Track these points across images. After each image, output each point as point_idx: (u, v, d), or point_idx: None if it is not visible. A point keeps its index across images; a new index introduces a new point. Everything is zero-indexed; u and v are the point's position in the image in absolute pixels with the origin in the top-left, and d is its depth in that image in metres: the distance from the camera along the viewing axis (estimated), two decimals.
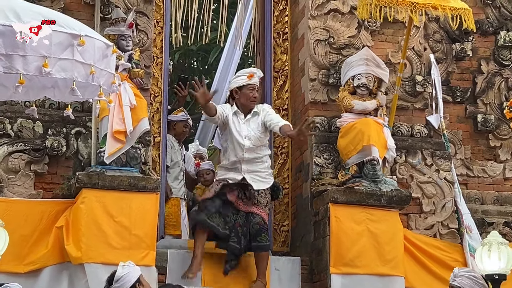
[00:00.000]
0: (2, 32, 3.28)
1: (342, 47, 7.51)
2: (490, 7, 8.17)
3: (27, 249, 6.27)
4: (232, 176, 6.64)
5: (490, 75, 8.04)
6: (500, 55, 8.08)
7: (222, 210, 6.58)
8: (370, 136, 6.83)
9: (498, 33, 8.10)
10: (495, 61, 8.09)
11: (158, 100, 7.49)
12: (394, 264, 6.65)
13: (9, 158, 6.66)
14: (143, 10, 7.16)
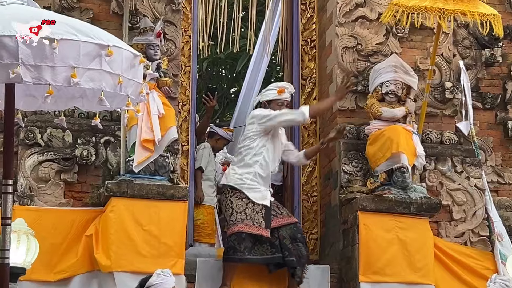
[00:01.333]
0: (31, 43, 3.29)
1: (370, 54, 7.49)
2: None
3: (57, 257, 6.31)
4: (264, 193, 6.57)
5: None
6: None
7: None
8: (399, 143, 6.81)
9: None
10: None
11: (186, 108, 7.53)
12: (424, 272, 6.62)
13: (39, 167, 6.71)
14: (171, 19, 7.20)
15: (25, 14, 3.48)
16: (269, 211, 6.53)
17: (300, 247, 6.50)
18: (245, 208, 6.48)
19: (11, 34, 3.28)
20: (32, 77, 3.30)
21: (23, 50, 3.27)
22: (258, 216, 6.46)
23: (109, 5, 7.11)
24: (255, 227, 6.41)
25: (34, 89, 3.86)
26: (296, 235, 6.53)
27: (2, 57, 3.28)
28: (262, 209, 6.49)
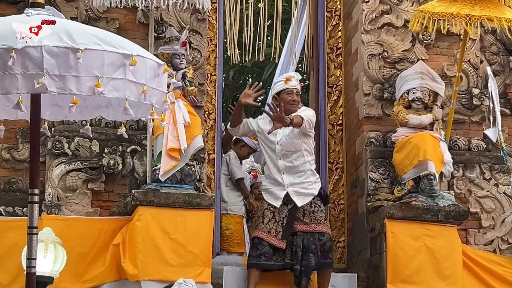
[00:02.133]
0: (56, 53, 3.30)
1: (396, 61, 7.48)
2: None
3: (85, 266, 6.33)
4: (276, 192, 6.56)
5: None
6: None
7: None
8: (426, 150, 6.79)
9: None
10: None
11: (212, 117, 7.55)
12: (453, 280, 6.58)
13: (66, 177, 6.75)
14: (197, 28, 7.23)
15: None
16: (292, 216, 6.51)
17: (309, 257, 6.43)
18: (264, 210, 6.56)
19: (36, 45, 3.31)
20: (57, 87, 3.32)
21: (48, 60, 3.29)
22: (277, 226, 6.48)
23: (135, 15, 7.14)
24: (271, 236, 6.46)
25: (60, 99, 3.88)
26: (309, 246, 6.46)
27: (27, 68, 3.30)
28: (284, 217, 6.50)
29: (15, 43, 3.30)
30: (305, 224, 6.53)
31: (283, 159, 6.58)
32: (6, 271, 6.25)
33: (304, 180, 6.57)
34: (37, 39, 3.33)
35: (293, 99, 6.68)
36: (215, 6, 7.66)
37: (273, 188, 6.60)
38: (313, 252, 6.45)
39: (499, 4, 6.92)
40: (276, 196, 6.56)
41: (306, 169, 6.58)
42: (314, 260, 6.45)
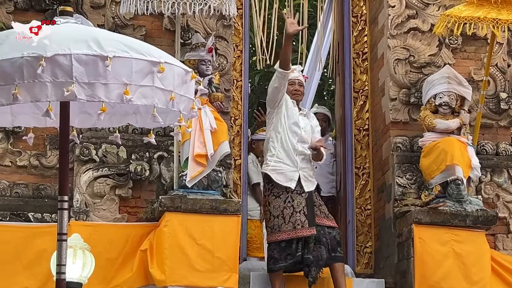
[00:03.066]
0: (85, 61, 3.33)
1: (423, 66, 7.45)
2: None
3: (113, 272, 6.34)
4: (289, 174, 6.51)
5: None
6: None
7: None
8: (454, 155, 6.75)
9: None
10: None
11: (238, 123, 7.56)
12: (481, 286, 6.54)
13: (94, 183, 6.79)
14: (223, 34, 7.25)
15: (79, 33, 3.53)
16: (311, 202, 6.50)
17: (321, 249, 6.43)
18: (283, 208, 6.46)
19: (65, 53, 3.33)
20: (86, 94, 3.34)
21: (77, 68, 3.32)
22: (300, 216, 6.43)
23: (161, 22, 7.17)
24: (296, 231, 6.41)
25: (89, 106, 3.92)
26: (321, 238, 6.46)
27: (57, 75, 3.32)
28: (304, 206, 6.45)
29: (44, 51, 3.32)
30: (316, 216, 6.53)
31: (300, 143, 6.60)
32: (34, 277, 6.29)
33: (310, 169, 6.66)
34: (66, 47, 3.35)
35: (295, 89, 6.77)
36: (241, 12, 7.68)
37: (285, 168, 6.55)
38: (324, 245, 6.45)
39: None
40: (289, 178, 6.53)
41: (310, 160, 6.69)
42: (325, 252, 6.44)
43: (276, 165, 6.57)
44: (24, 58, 3.33)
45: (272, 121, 6.70)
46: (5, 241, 6.35)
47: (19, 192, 6.93)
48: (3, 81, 3.34)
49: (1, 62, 3.33)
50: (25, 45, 3.38)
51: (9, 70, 3.34)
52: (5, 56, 3.36)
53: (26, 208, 6.80)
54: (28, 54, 3.33)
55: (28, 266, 6.30)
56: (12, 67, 3.33)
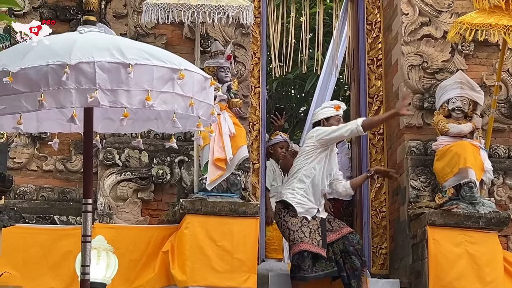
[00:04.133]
0: (108, 68, 3.34)
1: (436, 72, 7.42)
2: None
3: (136, 273, 6.36)
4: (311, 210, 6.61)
5: None
6: None
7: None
8: (467, 158, 6.73)
9: None
10: None
11: (256, 128, 7.56)
12: (494, 286, 6.51)
13: (117, 187, 6.81)
14: (241, 42, 7.25)
15: (102, 41, 3.55)
16: (324, 227, 6.54)
17: (353, 259, 6.45)
18: (301, 226, 6.52)
19: (89, 60, 3.35)
20: (108, 100, 3.36)
21: (100, 75, 3.33)
22: (315, 235, 6.48)
23: (181, 31, 7.19)
24: (314, 246, 6.44)
25: (112, 112, 3.94)
26: (348, 248, 6.48)
27: (81, 83, 3.34)
28: (318, 228, 6.51)
29: (69, 59, 3.33)
30: (333, 233, 6.56)
31: (328, 186, 6.73)
32: (60, 277, 6.32)
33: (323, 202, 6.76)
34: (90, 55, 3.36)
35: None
36: (258, 20, 7.67)
37: (309, 205, 6.61)
38: (354, 254, 6.46)
39: None
40: (310, 212, 6.61)
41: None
42: (358, 260, 6.46)
43: (302, 199, 6.62)
44: (49, 66, 3.34)
45: (313, 154, 6.69)
46: (32, 243, 6.37)
47: (45, 196, 6.95)
48: (29, 88, 3.37)
49: (27, 70, 3.35)
50: (50, 53, 3.40)
51: (35, 78, 3.36)
52: (31, 64, 3.37)
53: (52, 211, 6.82)
54: (53, 62, 3.35)
55: (54, 267, 6.34)
56: (37, 74, 3.35)
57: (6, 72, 3.36)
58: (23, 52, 3.49)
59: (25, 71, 3.36)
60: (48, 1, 7.36)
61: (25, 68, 3.36)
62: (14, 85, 3.34)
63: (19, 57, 3.44)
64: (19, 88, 3.35)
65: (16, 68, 3.35)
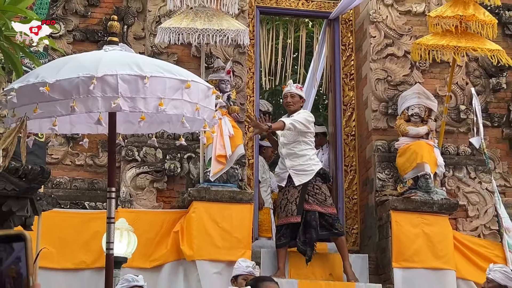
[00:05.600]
0: (128, 80, 3.35)
1: (398, 84, 7.43)
2: None
3: (152, 249, 6.37)
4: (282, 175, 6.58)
5: None
6: None
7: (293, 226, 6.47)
8: (423, 155, 6.74)
9: None
10: None
11: (251, 130, 7.53)
12: (446, 260, 6.53)
13: (137, 178, 6.80)
14: (238, 59, 7.26)
15: (124, 58, 3.56)
16: (303, 197, 6.44)
17: (311, 231, 6.39)
18: (281, 200, 6.56)
19: (112, 73, 3.35)
20: (128, 106, 3.36)
21: (122, 86, 3.34)
22: (291, 205, 6.45)
23: (189, 50, 7.19)
24: (288, 218, 6.42)
25: (132, 116, 3.93)
26: (311, 222, 6.40)
27: (106, 91, 3.35)
28: (297, 197, 6.45)
29: (96, 72, 3.33)
30: (308, 204, 6.47)
31: (284, 147, 6.61)
32: (90, 253, 6.32)
33: (302, 162, 6.52)
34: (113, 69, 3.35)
35: (287, 101, 6.78)
36: (253, 42, 7.67)
37: (280, 171, 6.63)
38: (313, 227, 6.39)
39: (481, 37, 6.87)
40: (282, 178, 6.59)
41: (303, 154, 6.54)
42: (314, 233, 6.39)
43: (276, 169, 6.73)
44: (80, 78, 3.35)
45: None
46: (66, 225, 6.37)
47: (77, 186, 6.96)
48: (63, 96, 3.37)
49: (62, 81, 3.35)
50: (80, 68, 3.40)
51: (68, 88, 3.36)
52: (64, 77, 3.37)
53: (83, 198, 6.83)
54: (83, 75, 3.35)
55: (84, 245, 6.33)
56: (70, 85, 3.36)
57: (44, 83, 3.36)
58: (58, 66, 3.49)
59: (59, 82, 3.36)
60: (80, 25, 7.35)
61: (60, 79, 3.36)
62: (50, 93, 3.34)
63: (54, 71, 3.44)
64: (55, 96, 3.36)
65: (53, 79, 3.35)
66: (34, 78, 3.42)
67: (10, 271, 1.38)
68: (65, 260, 6.27)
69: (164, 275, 6.30)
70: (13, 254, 1.38)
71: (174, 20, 6.54)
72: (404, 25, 7.53)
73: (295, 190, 6.51)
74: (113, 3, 7.44)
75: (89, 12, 7.38)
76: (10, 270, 1.38)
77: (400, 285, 6.39)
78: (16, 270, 1.38)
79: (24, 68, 4.00)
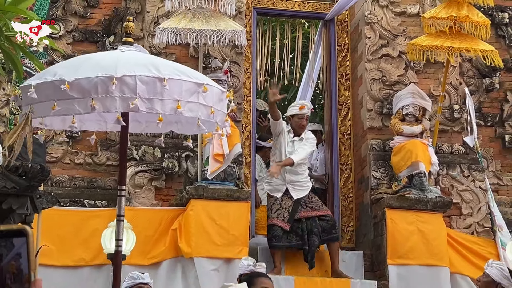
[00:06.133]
0: (146, 81, 3.35)
1: (393, 84, 7.47)
2: None
3: (150, 246, 6.36)
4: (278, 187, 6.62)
5: None
6: None
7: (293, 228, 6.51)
8: (418, 154, 6.79)
9: None
10: None
11: (248, 129, 7.57)
12: (440, 257, 6.57)
13: (135, 177, 6.81)
14: (236, 60, 7.28)
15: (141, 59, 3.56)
16: (295, 208, 6.51)
17: (313, 239, 6.44)
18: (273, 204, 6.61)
19: (131, 74, 3.36)
20: (146, 107, 3.36)
21: (140, 87, 3.34)
22: (284, 212, 6.51)
23: (187, 50, 7.20)
24: (279, 221, 6.48)
25: (139, 115, 3.92)
26: (312, 229, 6.45)
27: (124, 92, 3.35)
28: (290, 206, 6.52)
29: (115, 72, 3.34)
30: (307, 211, 6.53)
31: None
32: (89, 250, 6.31)
33: (301, 179, 6.63)
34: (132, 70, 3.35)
35: (302, 124, 6.72)
36: (250, 42, 7.68)
37: (275, 182, 6.66)
38: (316, 234, 6.45)
39: (474, 38, 6.94)
40: (277, 189, 6.63)
41: (303, 173, 6.66)
42: (317, 240, 6.47)
43: (269, 179, 6.73)
44: (99, 77, 3.34)
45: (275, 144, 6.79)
46: (65, 223, 6.36)
47: (76, 184, 6.94)
48: (81, 94, 3.36)
49: (80, 80, 3.34)
50: (98, 67, 3.40)
51: (86, 87, 3.35)
52: (83, 76, 3.37)
53: (82, 196, 6.81)
54: (102, 75, 3.35)
55: (83, 242, 6.33)
56: (89, 84, 3.35)
57: (63, 81, 3.35)
58: (75, 65, 3.49)
59: (78, 81, 3.35)
60: (79, 26, 7.38)
61: (79, 78, 3.35)
62: (69, 92, 3.33)
63: (72, 69, 3.42)
64: (73, 94, 3.34)
65: (72, 78, 3.34)
66: (51, 76, 3.41)
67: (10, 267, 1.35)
68: (65, 258, 6.26)
69: (162, 272, 6.29)
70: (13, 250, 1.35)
71: (172, 20, 6.55)
72: (399, 26, 7.59)
73: (290, 200, 6.57)
74: (112, 4, 7.46)
75: (88, 13, 7.40)
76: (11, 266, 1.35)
77: (394, 282, 6.44)
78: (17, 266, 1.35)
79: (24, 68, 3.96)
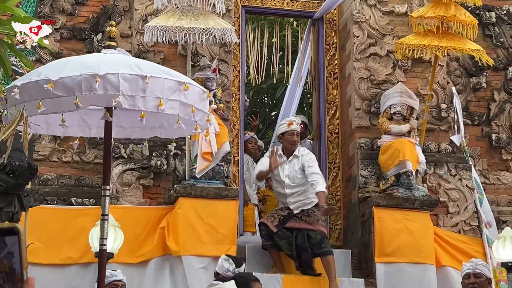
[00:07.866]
0: (128, 79, 3.42)
1: (380, 83, 7.50)
2: (500, 48, 8.11)
3: (138, 244, 6.35)
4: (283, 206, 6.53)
5: (501, 103, 7.95)
6: (509, 86, 7.99)
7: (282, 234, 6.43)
8: (405, 153, 6.81)
9: (507, 69, 8.00)
10: (505, 91, 7.99)
11: (236, 128, 7.58)
12: (427, 255, 6.60)
13: (123, 175, 6.81)
14: (224, 58, 7.28)
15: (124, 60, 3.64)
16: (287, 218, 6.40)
17: (304, 254, 6.27)
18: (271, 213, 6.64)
19: (114, 72, 3.43)
20: (128, 104, 3.42)
21: (122, 84, 3.41)
22: (275, 217, 6.45)
23: (176, 48, 7.21)
24: (269, 222, 6.43)
25: (124, 121, 3.98)
26: (302, 244, 6.26)
27: (107, 89, 3.41)
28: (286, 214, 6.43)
29: (98, 70, 3.41)
30: (297, 223, 6.37)
31: (288, 188, 6.42)
32: (76, 249, 6.30)
33: (303, 198, 6.42)
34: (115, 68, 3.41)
35: (293, 139, 6.45)
36: (239, 40, 7.70)
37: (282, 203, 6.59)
38: (305, 249, 6.26)
39: (462, 37, 7.00)
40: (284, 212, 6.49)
41: (306, 189, 6.39)
42: (309, 254, 6.28)
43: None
44: (83, 75, 3.42)
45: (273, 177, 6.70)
46: (53, 221, 6.35)
47: (64, 182, 6.93)
48: (65, 93, 3.42)
49: (65, 79, 3.41)
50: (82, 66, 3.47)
51: (70, 85, 3.42)
52: (67, 74, 3.44)
53: (70, 195, 6.81)
54: (85, 73, 3.41)
55: (71, 240, 6.32)
56: (73, 82, 3.42)
57: (47, 80, 3.41)
58: (60, 66, 3.55)
59: (63, 79, 3.41)
60: (67, 23, 7.38)
61: (63, 77, 3.41)
62: (54, 90, 3.39)
63: (57, 69, 3.49)
64: (58, 93, 3.41)
65: (56, 77, 3.41)
66: (36, 76, 3.48)
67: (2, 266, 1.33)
68: (52, 256, 6.25)
69: (150, 271, 6.29)
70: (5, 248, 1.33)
71: (160, 18, 6.55)
72: (387, 25, 7.62)
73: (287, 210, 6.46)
74: (100, 2, 7.47)
75: (76, 10, 7.41)
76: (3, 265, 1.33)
77: (382, 280, 6.47)
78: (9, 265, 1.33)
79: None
